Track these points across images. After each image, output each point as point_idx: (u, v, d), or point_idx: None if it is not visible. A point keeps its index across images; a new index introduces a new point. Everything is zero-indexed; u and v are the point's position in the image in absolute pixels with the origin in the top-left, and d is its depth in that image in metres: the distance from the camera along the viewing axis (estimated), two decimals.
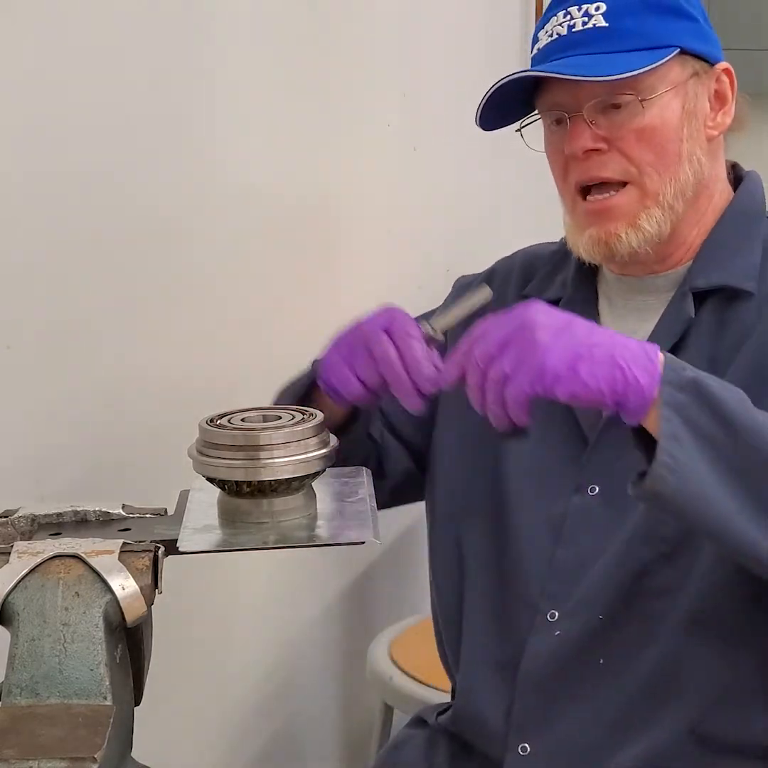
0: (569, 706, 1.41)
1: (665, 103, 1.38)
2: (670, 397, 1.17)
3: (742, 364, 1.37)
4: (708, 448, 1.18)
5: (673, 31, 1.38)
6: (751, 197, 1.48)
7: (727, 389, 1.21)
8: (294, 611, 2.15)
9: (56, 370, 1.47)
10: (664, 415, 1.17)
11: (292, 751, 2.20)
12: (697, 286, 1.41)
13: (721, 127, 1.44)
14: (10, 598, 0.99)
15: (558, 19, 1.40)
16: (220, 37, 1.75)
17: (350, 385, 1.31)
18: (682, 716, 1.37)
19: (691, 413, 1.17)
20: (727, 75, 1.45)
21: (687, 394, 1.18)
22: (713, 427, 1.18)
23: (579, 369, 1.16)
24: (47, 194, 1.43)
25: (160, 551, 1.04)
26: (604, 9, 1.37)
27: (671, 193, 1.39)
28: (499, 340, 1.18)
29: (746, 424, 1.18)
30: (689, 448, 1.17)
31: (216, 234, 1.76)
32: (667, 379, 1.18)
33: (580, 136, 1.38)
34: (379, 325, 1.29)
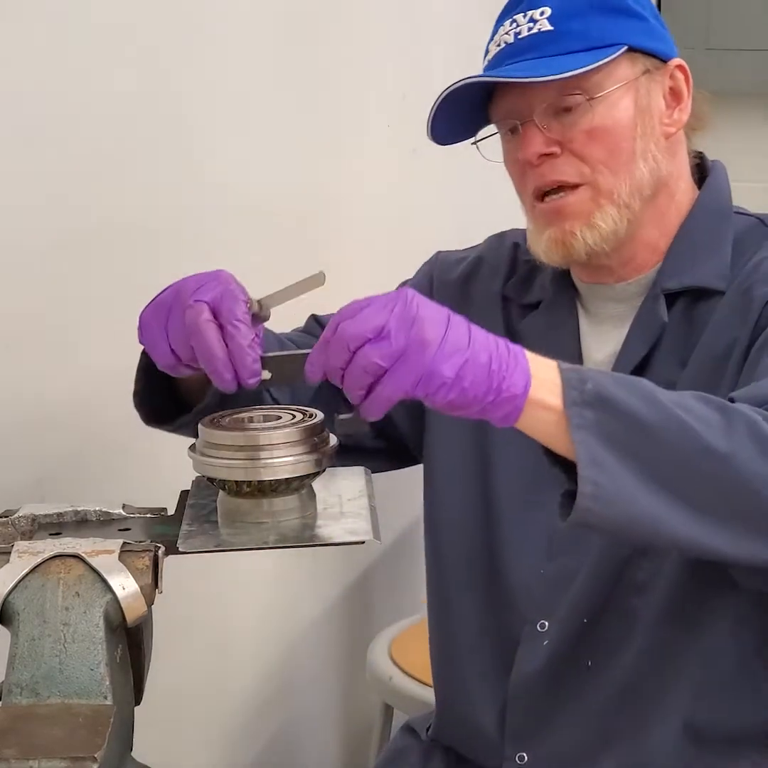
0: (562, 711, 1.42)
1: (615, 100, 1.36)
2: (580, 419, 1.09)
3: (698, 355, 1.36)
4: (630, 459, 1.10)
5: (621, 29, 1.37)
6: (717, 193, 1.46)
7: (628, 388, 1.13)
8: (294, 611, 2.15)
9: (56, 370, 1.47)
10: (577, 440, 1.09)
11: (292, 750, 2.20)
12: (669, 288, 1.40)
13: (678, 123, 1.41)
14: (11, 597, 0.99)
15: (505, 29, 1.40)
16: (220, 39, 1.75)
17: (160, 351, 1.19)
18: (673, 711, 1.37)
19: (603, 429, 1.10)
20: (681, 71, 1.43)
21: (595, 409, 1.10)
22: (629, 437, 1.11)
23: (464, 376, 1.06)
24: (47, 194, 1.43)
25: (160, 551, 1.04)
26: (549, 13, 1.36)
27: (627, 192, 1.37)
28: (376, 324, 1.05)
29: (660, 423, 1.11)
30: (611, 466, 1.09)
31: (214, 236, 1.76)
32: (571, 399, 1.10)
33: (533, 142, 1.36)
34: (206, 297, 1.17)
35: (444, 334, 1.06)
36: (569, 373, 1.11)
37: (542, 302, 1.49)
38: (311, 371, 1.09)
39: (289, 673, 2.15)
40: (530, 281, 1.52)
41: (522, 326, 1.49)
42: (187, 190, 1.69)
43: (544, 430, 1.12)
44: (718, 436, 1.11)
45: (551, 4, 1.37)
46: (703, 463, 1.11)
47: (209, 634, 1.87)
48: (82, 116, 1.47)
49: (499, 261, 1.55)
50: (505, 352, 1.09)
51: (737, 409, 1.13)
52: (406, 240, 2.35)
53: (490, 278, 1.54)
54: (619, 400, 1.11)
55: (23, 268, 1.41)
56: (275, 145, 1.90)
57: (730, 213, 1.45)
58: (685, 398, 1.14)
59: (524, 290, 1.52)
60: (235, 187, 1.80)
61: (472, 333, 1.09)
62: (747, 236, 1.43)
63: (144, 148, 1.59)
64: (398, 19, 2.30)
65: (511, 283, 1.53)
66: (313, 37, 2.00)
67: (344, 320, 1.07)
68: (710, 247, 1.41)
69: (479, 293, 1.54)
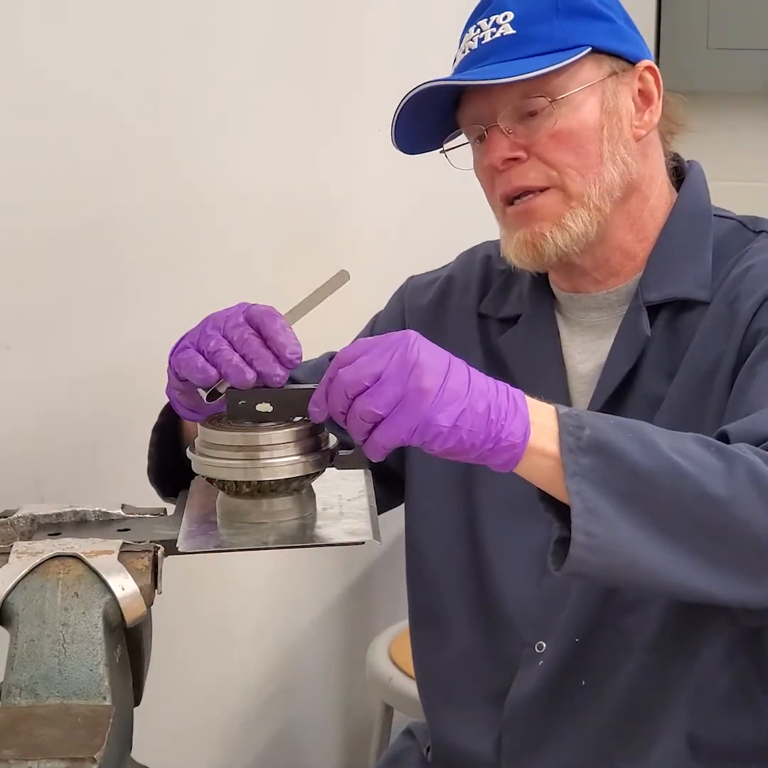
0: (559, 730, 1.41)
1: (579, 103, 1.35)
2: (576, 466, 1.08)
3: (685, 368, 1.35)
4: (627, 506, 1.08)
5: (585, 31, 1.35)
6: (695, 196, 1.44)
7: (627, 433, 1.11)
8: (294, 611, 2.15)
9: (56, 370, 1.46)
10: (571, 489, 1.08)
11: (292, 751, 2.20)
12: (650, 300, 1.39)
13: (649, 126, 1.40)
14: (10, 598, 0.99)
15: (470, 35, 1.39)
16: (221, 38, 1.75)
17: (198, 366, 1.15)
18: (671, 728, 1.37)
19: (600, 475, 1.08)
20: (651, 73, 1.40)
21: (592, 455, 1.08)
22: (627, 483, 1.09)
23: (462, 425, 1.05)
24: (47, 194, 1.43)
25: (160, 551, 1.04)
26: (512, 17, 1.35)
27: (597, 194, 1.35)
28: (373, 372, 1.04)
29: (658, 469, 1.09)
30: (607, 514, 1.08)
31: (214, 235, 1.76)
32: (567, 446, 1.08)
33: (498, 146, 1.35)
34: (238, 310, 1.17)
35: (443, 382, 1.05)
36: (567, 418, 1.10)
37: (521, 315, 1.48)
38: (314, 412, 1.09)
39: (289, 674, 2.15)
40: (506, 294, 1.50)
41: (501, 341, 1.48)
42: (186, 191, 1.69)
43: (542, 475, 1.10)
44: (718, 482, 1.09)
45: (514, 9, 1.36)
46: (703, 510, 1.10)
47: (209, 635, 1.86)
48: (81, 115, 1.47)
49: (471, 277, 1.54)
50: (504, 399, 1.08)
51: (737, 452, 1.11)
52: (404, 240, 2.35)
53: (462, 297, 1.53)
54: (616, 445, 1.09)
55: (23, 267, 1.41)
56: (273, 146, 1.90)
57: (710, 216, 1.43)
58: (684, 442, 1.12)
59: (501, 304, 1.50)
60: (233, 187, 1.80)
61: (472, 380, 1.07)
62: (727, 241, 1.41)
63: (144, 147, 1.59)
64: (399, 19, 2.30)
65: (488, 299, 1.51)
66: (314, 37, 2.00)
67: (342, 366, 1.06)
68: (690, 255, 1.40)
69: (453, 314, 1.52)
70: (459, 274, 1.56)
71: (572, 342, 1.45)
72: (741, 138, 3.61)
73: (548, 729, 1.42)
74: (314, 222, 2.04)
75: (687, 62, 3.57)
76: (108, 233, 1.53)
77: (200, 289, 1.73)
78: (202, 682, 1.87)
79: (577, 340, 1.45)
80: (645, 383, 1.38)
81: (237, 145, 1.80)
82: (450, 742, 1.50)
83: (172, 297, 1.68)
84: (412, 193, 2.32)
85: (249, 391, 1.12)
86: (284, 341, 1.12)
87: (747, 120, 3.63)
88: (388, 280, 1.65)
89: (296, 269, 1.94)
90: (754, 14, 3.51)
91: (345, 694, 2.37)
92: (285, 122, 1.93)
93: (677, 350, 1.37)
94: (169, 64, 1.63)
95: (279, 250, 1.93)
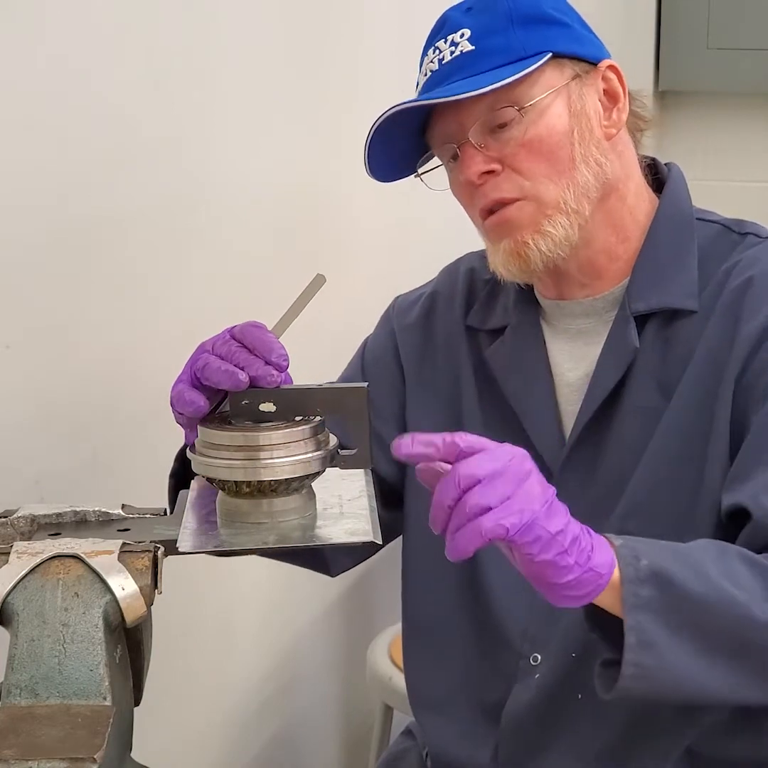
0: (555, 743, 1.41)
1: (546, 108, 1.35)
2: (635, 598, 1.13)
3: (688, 386, 1.35)
4: (680, 633, 1.14)
5: (543, 38, 1.36)
6: (678, 201, 1.44)
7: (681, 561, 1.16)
8: (294, 611, 2.15)
9: (56, 370, 1.46)
10: (629, 624, 1.13)
11: (292, 751, 2.20)
12: (638, 310, 1.39)
13: (618, 124, 1.40)
14: (10, 598, 0.99)
15: (429, 57, 1.39)
16: (223, 38, 1.75)
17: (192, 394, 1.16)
18: (670, 742, 1.37)
19: (657, 605, 1.13)
20: (613, 71, 1.40)
21: (650, 586, 1.13)
22: (682, 611, 1.15)
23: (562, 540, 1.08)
24: (47, 194, 1.43)
25: (160, 551, 1.04)
26: (469, 34, 1.36)
27: (572, 198, 1.35)
28: (489, 469, 1.06)
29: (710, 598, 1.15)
30: (659, 645, 1.14)
31: (215, 235, 1.76)
32: (627, 577, 1.13)
33: (472, 162, 1.35)
34: (223, 332, 1.19)
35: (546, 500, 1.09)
36: (623, 549, 1.14)
37: (507, 327, 1.48)
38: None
39: (289, 673, 2.15)
40: (492, 305, 1.50)
41: (488, 353, 1.48)
42: (187, 191, 1.69)
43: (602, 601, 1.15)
44: (763, 606, 1.15)
45: (470, 26, 1.36)
46: (748, 633, 1.16)
47: (209, 635, 1.86)
48: (82, 112, 1.47)
49: (455, 291, 1.54)
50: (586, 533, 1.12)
51: None
52: (405, 240, 2.35)
53: (448, 311, 1.53)
54: (673, 575, 1.14)
55: (22, 267, 1.41)
56: (275, 146, 1.90)
57: (692, 220, 1.43)
58: (732, 564, 1.18)
59: (487, 315, 1.50)
60: (235, 187, 1.80)
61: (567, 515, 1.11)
62: (712, 246, 1.41)
63: (144, 147, 1.59)
64: (400, 19, 2.30)
65: (474, 311, 1.51)
66: (315, 36, 2.00)
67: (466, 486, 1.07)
68: (675, 263, 1.40)
69: (441, 329, 1.53)
70: (443, 288, 1.56)
71: (560, 350, 1.45)
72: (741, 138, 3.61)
73: (545, 741, 1.42)
74: (315, 222, 2.04)
75: (687, 62, 3.58)
76: (108, 233, 1.53)
77: (201, 290, 1.73)
78: (203, 682, 1.87)
79: (564, 348, 1.45)
80: (635, 395, 1.38)
81: (237, 145, 1.80)
82: (447, 753, 1.50)
83: (172, 297, 1.68)
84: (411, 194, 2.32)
85: (252, 390, 1.12)
86: (269, 346, 1.13)
87: (747, 120, 3.63)
88: (389, 281, 1.65)
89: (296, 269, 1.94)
90: (754, 14, 3.52)
91: (345, 694, 2.37)
92: (286, 122, 1.93)
93: (671, 362, 1.37)
94: (173, 65, 1.63)
95: (279, 250, 1.93)
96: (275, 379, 1.12)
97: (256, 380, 1.12)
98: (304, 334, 1.24)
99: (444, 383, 1.51)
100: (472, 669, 1.47)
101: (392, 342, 1.55)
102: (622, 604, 1.13)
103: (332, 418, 1.13)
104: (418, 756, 1.59)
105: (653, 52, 3.62)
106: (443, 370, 1.51)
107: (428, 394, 1.51)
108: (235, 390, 1.12)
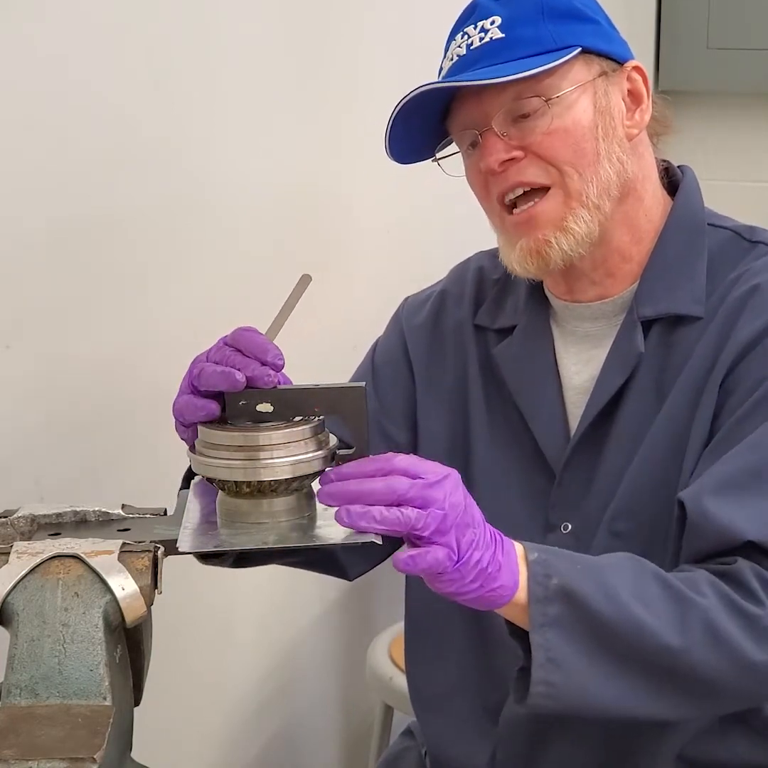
0: (552, 745, 1.41)
1: (573, 101, 1.35)
2: (542, 617, 1.16)
3: (679, 391, 1.35)
4: (585, 654, 1.17)
5: (573, 33, 1.36)
6: (691, 205, 1.44)
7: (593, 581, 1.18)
8: (294, 611, 2.15)
9: (56, 370, 1.46)
10: (536, 642, 1.15)
11: (291, 751, 2.20)
12: (645, 315, 1.39)
13: (641, 124, 1.40)
14: (10, 598, 0.99)
15: (457, 42, 1.39)
16: (224, 37, 1.75)
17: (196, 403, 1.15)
18: (664, 746, 1.37)
19: (564, 623, 1.16)
20: (639, 72, 1.41)
21: (558, 604, 1.16)
22: (588, 631, 1.17)
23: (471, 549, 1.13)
24: (47, 194, 1.43)
25: (160, 551, 1.04)
26: (500, 21, 1.35)
27: (595, 193, 1.35)
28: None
29: (618, 622, 1.17)
30: (567, 663, 1.16)
31: (215, 235, 1.76)
32: (535, 597, 1.16)
33: (494, 149, 1.35)
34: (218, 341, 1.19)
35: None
36: (536, 566, 1.16)
37: (516, 326, 1.48)
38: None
39: (289, 673, 2.15)
40: (502, 304, 1.50)
41: (496, 353, 1.48)
42: (187, 191, 1.69)
43: (509, 616, 1.19)
44: (674, 633, 1.18)
45: (501, 13, 1.36)
46: (656, 658, 1.18)
47: (209, 635, 1.86)
48: (82, 112, 1.47)
49: (464, 290, 1.54)
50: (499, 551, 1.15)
51: (694, 599, 1.19)
52: (405, 240, 2.35)
53: (457, 310, 1.53)
54: (581, 594, 1.17)
55: (23, 267, 1.41)
56: (276, 146, 1.90)
57: (704, 226, 1.43)
58: (646, 586, 1.19)
59: (497, 315, 1.50)
60: (235, 187, 1.80)
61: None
62: (722, 252, 1.41)
63: (145, 146, 1.59)
64: (400, 20, 2.30)
65: (483, 310, 1.51)
66: (315, 36, 2.00)
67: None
68: (685, 268, 1.40)
69: (450, 328, 1.53)
70: (452, 287, 1.56)
71: (567, 353, 1.45)
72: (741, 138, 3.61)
73: (542, 746, 1.42)
74: (315, 222, 2.04)
75: (687, 62, 3.57)
76: (109, 233, 1.53)
77: (201, 290, 1.73)
78: (202, 682, 1.87)
79: (571, 350, 1.45)
80: (635, 398, 1.38)
81: (237, 145, 1.80)
82: (446, 753, 1.50)
83: (172, 297, 1.68)
84: (412, 193, 2.32)
85: (249, 391, 1.12)
86: (263, 347, 1.13)
87: (747, 120, 3.63)
88: (389, 281, 1.65)
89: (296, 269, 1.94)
90: (754, 14, 3.51)
91: (345, 694, 2.37)
92: (286, 122, 1.93)
93: (670, 367, 1.37)
94: (173, 65, 1.63)
95: (279, 250, 1.93)
96: (272, 378, 1.12)
97: (253, 381, 1.12)
98: (304, 335, 1.24)
99: (452, 382, 1.51)
100: (472, 669, 1.47)
101: (402, 342, 1.55)
102: (530, 623, 1.16)
103: (331, 417, 1.13)
104: (418, 756, 1.59)
105: (653, 52, 3.61)
106: (451, 368, 1.51)
107: (437, 393, 1.51)
108: (233, 390, 1.12)
